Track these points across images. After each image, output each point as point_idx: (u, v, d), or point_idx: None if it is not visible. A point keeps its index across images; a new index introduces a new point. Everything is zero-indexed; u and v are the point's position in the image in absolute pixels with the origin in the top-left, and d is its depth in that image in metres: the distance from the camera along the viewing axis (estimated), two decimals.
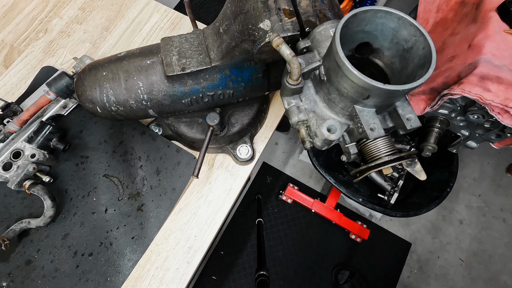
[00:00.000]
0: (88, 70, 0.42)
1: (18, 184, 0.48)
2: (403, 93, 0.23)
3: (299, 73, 0.27)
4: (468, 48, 0.56)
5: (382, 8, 0.24)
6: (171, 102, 0.43)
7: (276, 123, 0.59)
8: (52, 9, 0.67)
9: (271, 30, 0.31)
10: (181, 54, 0.40)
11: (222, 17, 0.39)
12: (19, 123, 0.49)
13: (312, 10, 0.32)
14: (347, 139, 0.29)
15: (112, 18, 0.66)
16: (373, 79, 0.22)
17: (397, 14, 0.24)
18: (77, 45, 0.64)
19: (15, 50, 0.63)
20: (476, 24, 0.56)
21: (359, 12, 0.25)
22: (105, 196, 0.52)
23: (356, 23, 0.26)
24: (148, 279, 0.50)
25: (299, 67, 0.27)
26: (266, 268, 1.00)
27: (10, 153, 0.50)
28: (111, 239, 0.50)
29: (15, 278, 0.48)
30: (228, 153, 0.55)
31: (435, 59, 0.22)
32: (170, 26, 0.66)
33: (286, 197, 1.39)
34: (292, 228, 1.38)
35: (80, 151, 0.55)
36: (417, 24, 0.24)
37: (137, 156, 0.54)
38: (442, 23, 0.64)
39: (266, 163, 1.49)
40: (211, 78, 0.41)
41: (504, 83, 0.51)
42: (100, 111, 0.43)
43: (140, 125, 0.56)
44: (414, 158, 0.27)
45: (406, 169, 0.28)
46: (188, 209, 0.53)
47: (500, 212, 1.38)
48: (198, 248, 0.51)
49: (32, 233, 0.51)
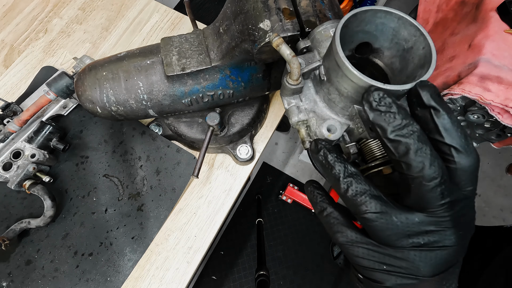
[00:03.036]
0: (88, 70, 0.42)
1: (18, 184, 0.48)
2: (403, 93, 0.23)
3: (299, 73, 0.27)
4: (468, 48, 0.56)
5: (382, 8, 0.24)
6: (171, 102, 0.43)
7: (276, 123, 0.59)
8: (52, 9, 0.67)
9: (271, 30, 0.31)
10: (181, 54, 0.40)
11: (222, 17, 0.39)
12: (19, 123, 0.49)
13: (312, 10, 0.32)
14: (347, 139, 0.29)
15: (112, 18, 0.66)
16: (373, 79, 0.22)
17: (397, 14, 0.24)
18: (77, 45, 0.64)
19: (15, 50, 0.63)
20: (476, 24, 0.56)
21: (359, 12, 0.25)
22: (105, 196, 0.52)
23: (356, 23, 0.26)
24: (148, 279, 0.50)
25: (299, 67, 0.27)
26: (266, 268, 1.00)
27: (10, 153, 0.50)
28: (111, 239, 0.50)
29: (15, 278, 0.48)
30: (228, 153, 0.55)
31: (435, 59, 0.22)
32: (170, 26, 0.66)
33: (286, 197, 1.39)
34: (292, 228, 1.38)
35: (80, 151, 0.55)
36: (417, 24, 0.24)
37: (137, 156, 0.54)
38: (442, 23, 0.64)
39: (266, 163, 1.49)
40: (211, 78, 0.41)
41: (504, 83, 0.51)
42: (100, 111, 0.43)
43: (140, 125, 0.56)
44: None
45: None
46: (188, 209, 0.53)
47: (500, 212, 1.38)
48: (198, 248, 0.51)
49: (32, 233, 0.51)
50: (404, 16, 0.24)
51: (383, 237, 0.21)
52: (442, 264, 0.21)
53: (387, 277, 0.21)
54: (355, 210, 0.22)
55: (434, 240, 0.21)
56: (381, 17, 0.25)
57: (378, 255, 0.21)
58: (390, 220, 0.20)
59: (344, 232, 0.23)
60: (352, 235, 0.22)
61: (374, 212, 0.21)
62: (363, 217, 0.21)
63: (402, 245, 0.21)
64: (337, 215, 0.24)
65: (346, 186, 0.22)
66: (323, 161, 0.24)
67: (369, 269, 0.22)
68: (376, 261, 0.22)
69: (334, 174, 0.22)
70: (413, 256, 0.21)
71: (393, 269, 0.21)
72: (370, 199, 0.21)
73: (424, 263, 0.21)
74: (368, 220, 0.21)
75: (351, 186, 0.21)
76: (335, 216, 0.24)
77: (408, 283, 0.21)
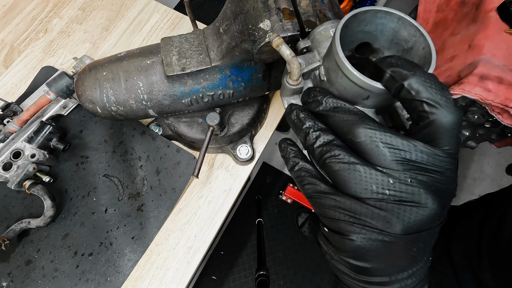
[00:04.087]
0: (88, 70, 0.42)
1: (18, 184, 0.48)
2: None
3: (299, 73, 0.27)
4: (468, 48, 0.56)
5: (382, 9, 0.24)
6: (171, 102, 0.43)
7: (276, 123, 0.59)
8: (52, 9, 0.67)
9: (271, 30, 0.31)
10: (181, 54, 0.40)
11: (222, 17, 0.39)
12: (19, 123, 0.49)
13: (312, 10, 0.32)
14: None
15: (112, 18, 0.66)
16: (373, 80, 0.22)
17: (397, 14, 0.24)
18: (77, 45, 0.64)
19: (15, 50, 0.63)
20: (476, 24, 0.56)
21: (359, 13, 0.25)
22: (105, 196, 0.52)
23: (356, 24, 0.26)
24: (148, 279, 0.50)
25: (299, 67, 0.27)
26: (266, 268, 1.00)
27: (10, 153, 0.50)
28: (111, 239, 0.50)
29: (15, 278, 0.48)
30: (228, 153, 0.55)
31: (435, 60, 0.22)
32: (170, 26, 0.66)
33: (286, 197, 1.39)
34: (292, 228, 1.38)
35: (80, 151, 0.55)
36: (417, 25, 0.24)
37: (137, 156, 0.54)
38: (442, 23, 0.64)
39: (266, 163, 1.49)
40: (211, 78, 0.41)
41: (504, 83, 0.51)
42: (100, 111, 0.43)
43: (140, 125, 0.56)
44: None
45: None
46: (188, 209, 0.53)
47: None
48: (198, 248, 0.51)
49: (32, 233, 0.51)
50: (404, 16, 0.24)
51: (349, 188, 0.21)
52: (414, 222, 0.20)
53: (352, 229, 0.21)
54: (321, 161, 0.22)
55: (406, 197, 0.20)
56: (381, 18, 0.25)
57: (345, 205, 0.21)
58: (355, 171, 0.20)
59: (313, 183, 0.23)
60: (321, 186, 0.22)
61: (339, 161, 0.21)
62: (328, 165, 0.21)
63: (368, 197, 0.20)
64: (309, 168, 0.24)
65: (315, 138, 0.22)
66: (295, 119, 0.24)
67: (334, 220, 0.21)
68: (342, 211, 0.21)
69: (305, 129, 0.23)
70: (379, 210, 0.20)
71: (359, 221, 0.20)
72: (336, 148, 0.21)
73: (394, 216, 0.20)
74: (332, 169, 0.21)
75: (319, 138, 0.22)
76: (306, 169, 0.24)
77: (377, 239, 0.20)
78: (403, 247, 0.21)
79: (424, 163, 0.20)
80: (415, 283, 0.22)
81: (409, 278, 0.22)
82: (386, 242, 0.20)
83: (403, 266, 0.21)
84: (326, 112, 0.23)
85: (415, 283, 0.22)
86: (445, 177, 0.20)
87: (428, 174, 0.20)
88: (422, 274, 0.23)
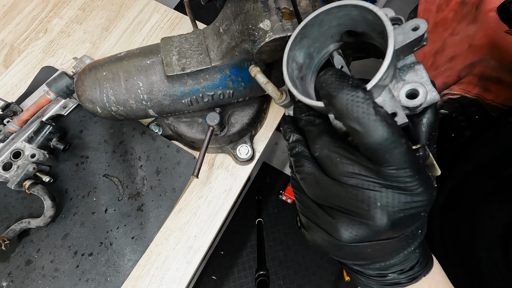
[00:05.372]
0: (88, 70, 0.42)
1: (18, 184, 0.48)
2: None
3: (277, 95, 0.29)
4: (468, 48, 0.56)
5: (334, 5, 0.25)
6: (171, 102, 0.43)
7: (276, 123, 0.59)
8: (52, 9, 0.67)
9: (271, 30, 0.31)
10: (181, 54, 0.40)
11: (222, 17, 0.39)
12: (19, 123, 0.49)
13: (312, 10, 0.32)
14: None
15: (112, 18, 0.66)
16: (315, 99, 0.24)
17: (350, 4, 0.24)
18: (77, 45, 0.64)
19: (15, 50, 0.63)
20: (476, 24, 0.56)
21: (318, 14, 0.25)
22: (105, 196, 0.52)
23: (327, 22, 0.26)
24: (148, 279, 0.50)
25: (276, 89, 0.29)
26: (266, 268, 1.00)
27: (10, 153, 0.50)
28: (111, 239, 0.50)
29: (15, 278, 0.48)
30: (228, 153, 0.55)
31: (393, 40, 0.21)
32: (170, 26, 0.66)
33: (286, 197, 1.39)
34: (292, 228, 1.38)
35: (80, 151, 0.55)
36: (372, 7, 0.23)
37: (137, 156, 0.54)
38: (442, 23, 0.64)
39: (266, 163, 1.49)
40: (211, 78, 0.41)
41: (504, 83, 0.51)
42: (100, 111, 0.43)
43: (140, 125, 0.56)
44: (425, 151, 0.24)
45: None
46: (188, 209, 0.53)
47: None
48: (198, 248, 0.51)
49: (32, 233, 0.51)
50: (359, 4, 0.24)
51: (308, 194, 0.24)
52: (356, 237, 0.21)
53: (312, 226, 0.24)
54: (293, 168, 0.25)
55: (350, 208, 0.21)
56: (338, 12, 0.25)
57: (308, 206, 0.24)
58: (313, 180, 0.23)
59: (303, 165, 0.24)
60: (309, 167, 0.23)
61: (302, 170, 0.23)
62: (296, 172, 0.24)
63: (322, 204, 0.23)
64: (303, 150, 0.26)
65: (290, 148, 0.25)
66: (282, 130, 0.28)
67: (304, 216, 0.25)
68: (306, 211, 0.24)
69: (286, 140, 0.26)
70: (330, 218, 0.22)
71: (315, 222, 0.24)
72: (303, 158, 0.24)
73: (339, 225, 0.21)
74: (298, 177, 0.24)
75: (294, 148, 0.25)
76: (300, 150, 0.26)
77: (361, 230, 0.21)
78: (393, 238, 0.22)
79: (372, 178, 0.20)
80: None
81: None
82: (372, 231, 0.21)
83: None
84: (302, 127, 0.26)
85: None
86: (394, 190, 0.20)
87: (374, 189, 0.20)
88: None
